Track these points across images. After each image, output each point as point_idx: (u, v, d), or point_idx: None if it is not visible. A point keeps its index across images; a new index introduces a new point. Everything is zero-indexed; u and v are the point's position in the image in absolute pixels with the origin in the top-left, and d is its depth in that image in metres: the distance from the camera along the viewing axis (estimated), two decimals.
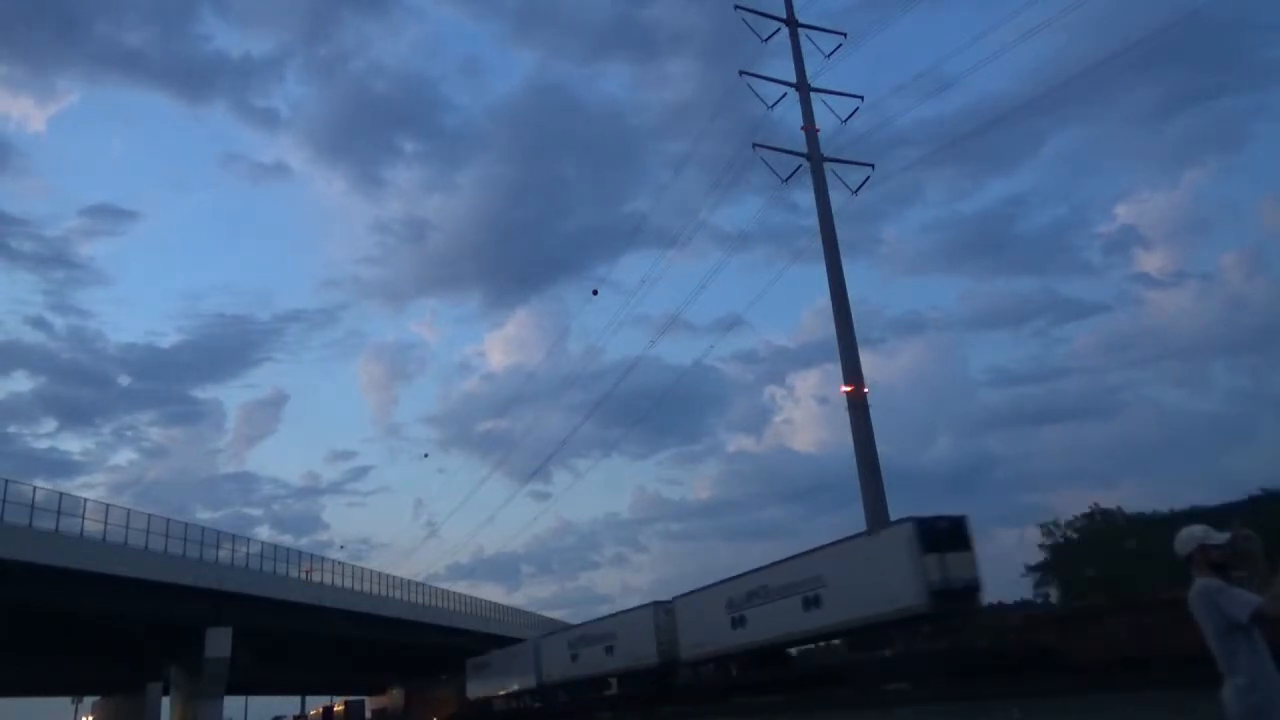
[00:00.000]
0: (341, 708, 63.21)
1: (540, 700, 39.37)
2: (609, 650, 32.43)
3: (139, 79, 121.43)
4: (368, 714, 63.96)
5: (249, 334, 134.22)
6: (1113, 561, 28.43)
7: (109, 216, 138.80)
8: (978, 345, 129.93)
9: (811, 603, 22.75)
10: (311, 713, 72.59)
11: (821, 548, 23.35)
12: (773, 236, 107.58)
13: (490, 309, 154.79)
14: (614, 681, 34.00)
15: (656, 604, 30.44)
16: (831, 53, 30.78)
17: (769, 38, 31.01)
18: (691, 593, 29.09)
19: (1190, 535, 4.09)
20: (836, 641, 25.42)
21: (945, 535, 20.16)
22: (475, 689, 46.52)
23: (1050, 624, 17.55)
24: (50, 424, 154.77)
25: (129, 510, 35.62)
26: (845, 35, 31.05)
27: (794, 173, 28.98)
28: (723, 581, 27.27)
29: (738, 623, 25.62)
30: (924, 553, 19.57)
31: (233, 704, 58.76)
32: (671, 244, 60.76)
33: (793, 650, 26.30)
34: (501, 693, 43.13)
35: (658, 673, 29.36)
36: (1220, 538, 4.02)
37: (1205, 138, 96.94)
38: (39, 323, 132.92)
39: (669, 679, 29.35)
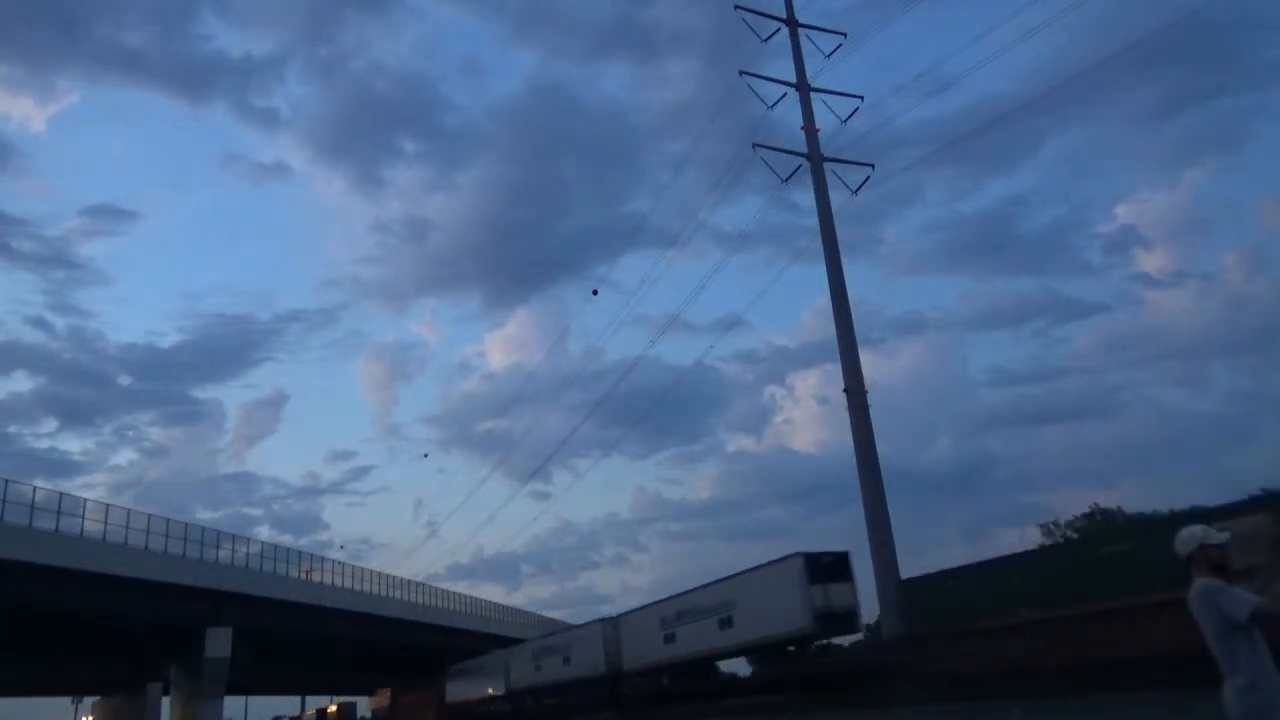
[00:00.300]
0: (334, 709, 63.51)
1: (509, 704, 41.48)
2: (566, 661, 35.18)
3: (139, 79, 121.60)
4: (367, 713, 63.94)
5: (249, 334, 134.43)
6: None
7: (109, 216, 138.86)
8: (978, 345, 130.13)
9: (725, 623, 25.76)
10: (307, 715, 72.68)
11: (734, 575, 26.23)
12: (773, 236, 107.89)
13: (490, 309, 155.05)
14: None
15: (604, 620, 33.13)
16: (831, 53, 30.78)
17: (769, 38, 31.00)
18: (633, 611, 32.24)
19: (1190, 535, 4.09)
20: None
21: (829, 568, 23.25)
22: (453, 692, 48.56)
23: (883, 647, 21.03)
24: (50, 424, 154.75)
25: (129, 510, 35.71)
26: (845, 35, 31.05)
27: (794, 173, 28.96)
28: (659, 602, 30.23)
29: (669, 639, 28.46)
30: (810, 583, 22.72)
31: (233, 704, 58.84)
32: (672, 244, 60.82)
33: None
34: (476, 697, 45.42)
35: (607, 681, 31.89)
36: (1220, 538, 4.02)
37: (1205, 138, 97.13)
38: (39, 323, 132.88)
39: (617, 687, 31.98)
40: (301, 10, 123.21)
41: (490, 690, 43.12)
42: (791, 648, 24.45)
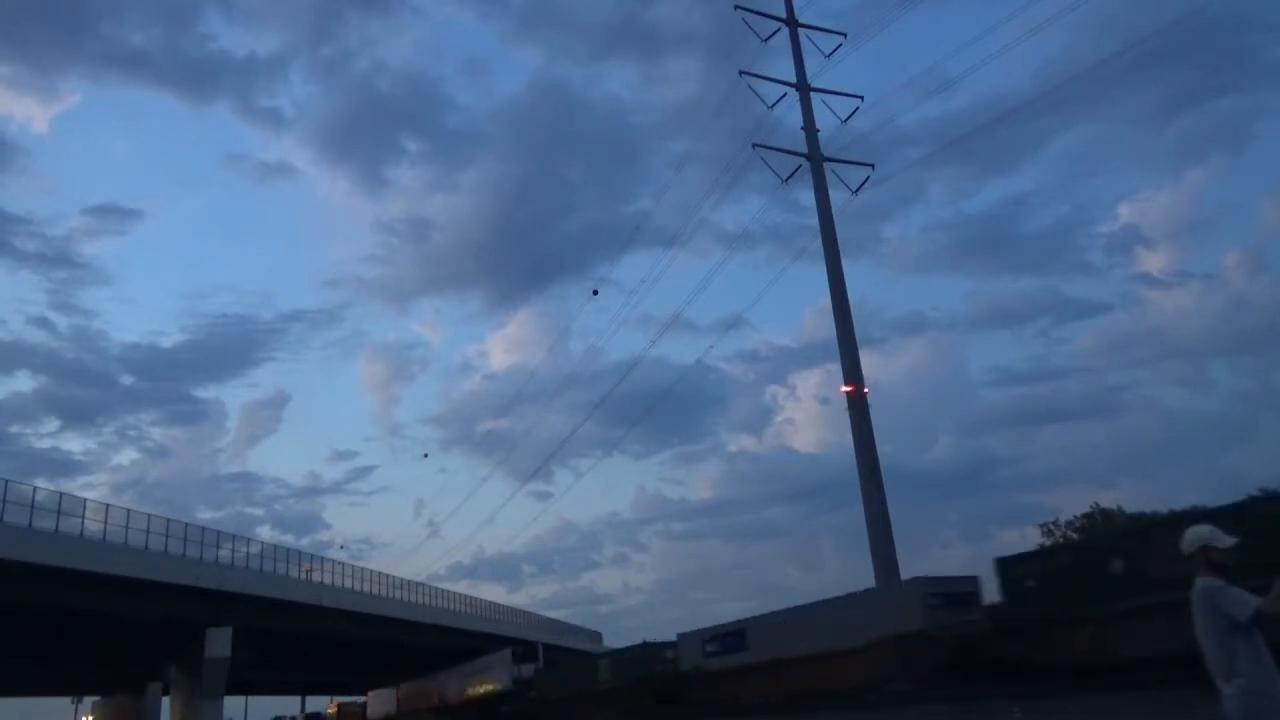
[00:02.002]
0: (334, 710, 64.68)
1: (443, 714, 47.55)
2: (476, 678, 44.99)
3: (143, 78, 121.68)
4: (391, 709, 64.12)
5: (251, 333, 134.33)
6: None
7: (112, 216, 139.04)
8: (980, 345, 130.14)
9: (482, 677, 42.31)
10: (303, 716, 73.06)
11: (488, 654, 43.01)
12: (775, 236, 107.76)
13: (493, 309, 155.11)
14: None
15: (512, 649, 42.08)
16: (831, 53, 30.76)
17: (769, 38, 30.98)
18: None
19: (1196, 534, 4.08)
20: None
21: (524, 655, 40.13)
22: (406, 696, 53.76)
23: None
24: (53, 424, 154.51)
25: (129, 510, 35.76)
26: (845, 35, 31.03)
27: (794, 173, 28.94)
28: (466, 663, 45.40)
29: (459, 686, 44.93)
30: (514, 664, 39.23)
31: (233, 704, 58.88)
32: (673, 243, 60.77)
33: None
34: (423, 706, 50.12)
35: (511, 693, 39.43)
36: (1227, 541, 4.02)
37: (1208, 137, 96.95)
38: (42, 322, 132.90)
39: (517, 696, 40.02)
40: (305, 10, 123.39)
41: (438, 699, 48.13)
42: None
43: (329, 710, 66.49)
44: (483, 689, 41.35)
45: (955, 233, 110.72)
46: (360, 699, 62.62)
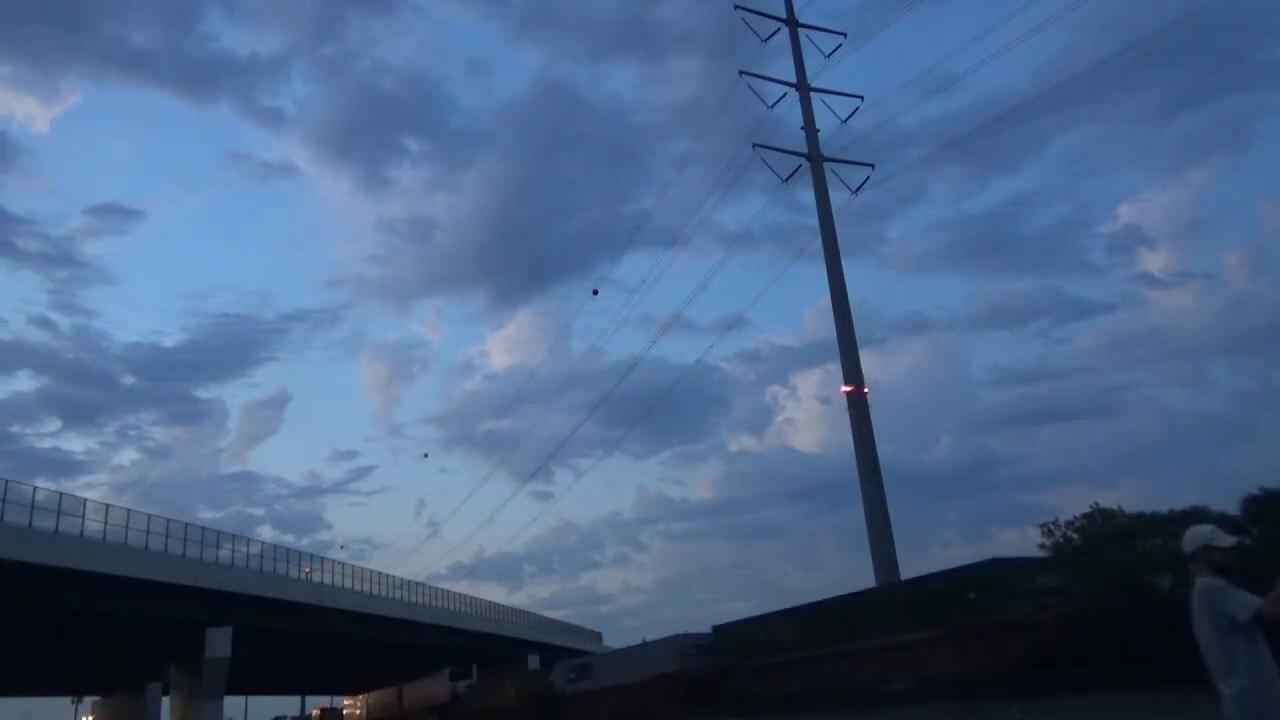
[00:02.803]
0: (318, 713, 67.74)
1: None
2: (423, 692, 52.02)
3: (145, 78, 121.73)
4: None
5: (253, 333, 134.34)
6: None
7: (114, 216, 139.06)
8: (981, 345, 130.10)
9: (428, 691, 49.61)
10: (313, 712, 73.56)
11: (431, 674, 50.51)
12: (776, 235, 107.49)
13: (494, 308, 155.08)
14: None
15: (450, 669, 48.45)
16: (831, 53, 30.80)
17: (769, 38, 31.01)
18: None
19: (1197, 534, 4.07)
20: None
21: (460, 672, 47.25)
22: (375, 703, 60.29)
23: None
24: (54, 423, 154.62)
25: (129, 510, 35.73)
26: (845, 35, 31.08)
27: (794, 173, 28.97)
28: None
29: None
30: (450, 680, 46.81)
31: (233, 704, 58.86)
32: (674, 243, 60.71)
33: None
34: (385, 713, 57.48)
35: (446, 705, 46.40)
36: (1227, 540, 4.01)
37: (1209, 137, 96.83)
38: (43, 322, 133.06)
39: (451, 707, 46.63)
40: (307, 9, 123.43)
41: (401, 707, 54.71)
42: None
43: (314, 713, 71.49)
44: (427, 699, 49.17)
45: (956, 233, 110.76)
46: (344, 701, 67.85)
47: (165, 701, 51.30)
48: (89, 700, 66.63)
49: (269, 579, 42.74)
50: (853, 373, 26.28)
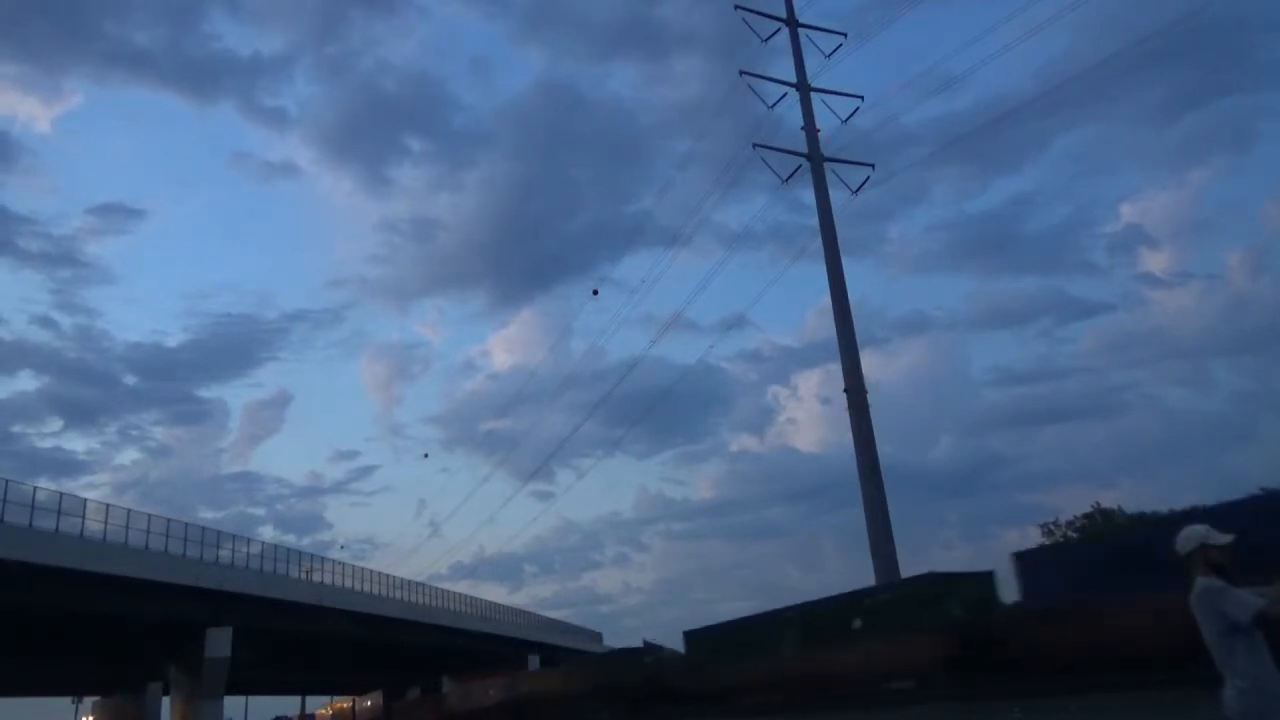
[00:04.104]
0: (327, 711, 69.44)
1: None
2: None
3: (147, 78, 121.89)
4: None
5: (254, 333, 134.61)
6: None
7: (116, 215, 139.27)
8: (982, 345, 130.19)
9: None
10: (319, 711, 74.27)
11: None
12: (777, 235, 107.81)
13: (496, 308, 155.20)
14: None
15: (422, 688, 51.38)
16: (832, 53, 30.73)
17: (769, 38, 30.96)
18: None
19: (1193, 534, 4.05)
20: None
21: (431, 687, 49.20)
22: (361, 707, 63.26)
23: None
24: (55, 423, 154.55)
25: (129, 510, 35.70)
26: (845, 35, 31.01)
27: (794, 173, 28.91)
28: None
29: None
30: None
31: (233, 704, 58.83)
32: (675, 243, 60.71)
33: None
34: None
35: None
36: (1223, 539, 4.00)
37: (1211, 137, 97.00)
38: (45, 322, 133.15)
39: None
40: (310, 9, 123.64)
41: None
42: None
43: (319, 714, 73.45)
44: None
45: (957, 232, 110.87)
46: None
47: (165, 701, 51.29)
48: (89, 700, 66.63)
49: (269, 579, 42.72)
50: (853, 372, 26.24)
